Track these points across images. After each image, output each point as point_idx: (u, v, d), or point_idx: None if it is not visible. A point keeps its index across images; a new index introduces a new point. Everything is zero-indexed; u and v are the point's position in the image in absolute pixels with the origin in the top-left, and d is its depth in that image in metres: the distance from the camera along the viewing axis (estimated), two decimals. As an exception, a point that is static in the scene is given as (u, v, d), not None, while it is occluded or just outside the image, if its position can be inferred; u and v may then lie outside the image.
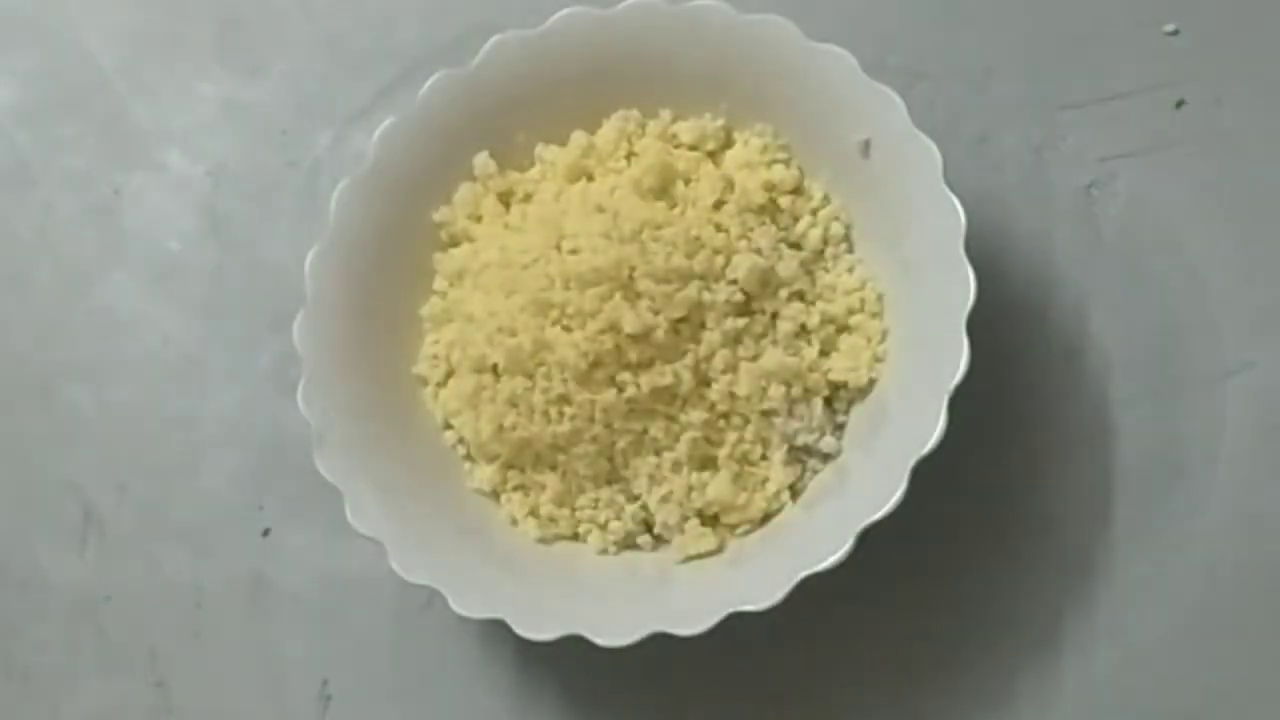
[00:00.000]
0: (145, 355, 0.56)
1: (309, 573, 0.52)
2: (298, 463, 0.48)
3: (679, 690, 0.48)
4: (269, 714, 0.51)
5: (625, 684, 0.48)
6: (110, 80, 0.59)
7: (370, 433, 0.49)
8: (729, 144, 0.50)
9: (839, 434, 0.47)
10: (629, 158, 0.50)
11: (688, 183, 0.49)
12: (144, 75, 0.59)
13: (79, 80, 0.60)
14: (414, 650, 0.50)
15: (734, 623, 0.43)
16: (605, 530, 0.48)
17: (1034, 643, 0.47)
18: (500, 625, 0.44)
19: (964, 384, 0.43)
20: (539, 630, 0.44)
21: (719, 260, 0.47)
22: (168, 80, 0.59)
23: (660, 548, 0.48)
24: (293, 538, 0.52)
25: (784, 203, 0.49)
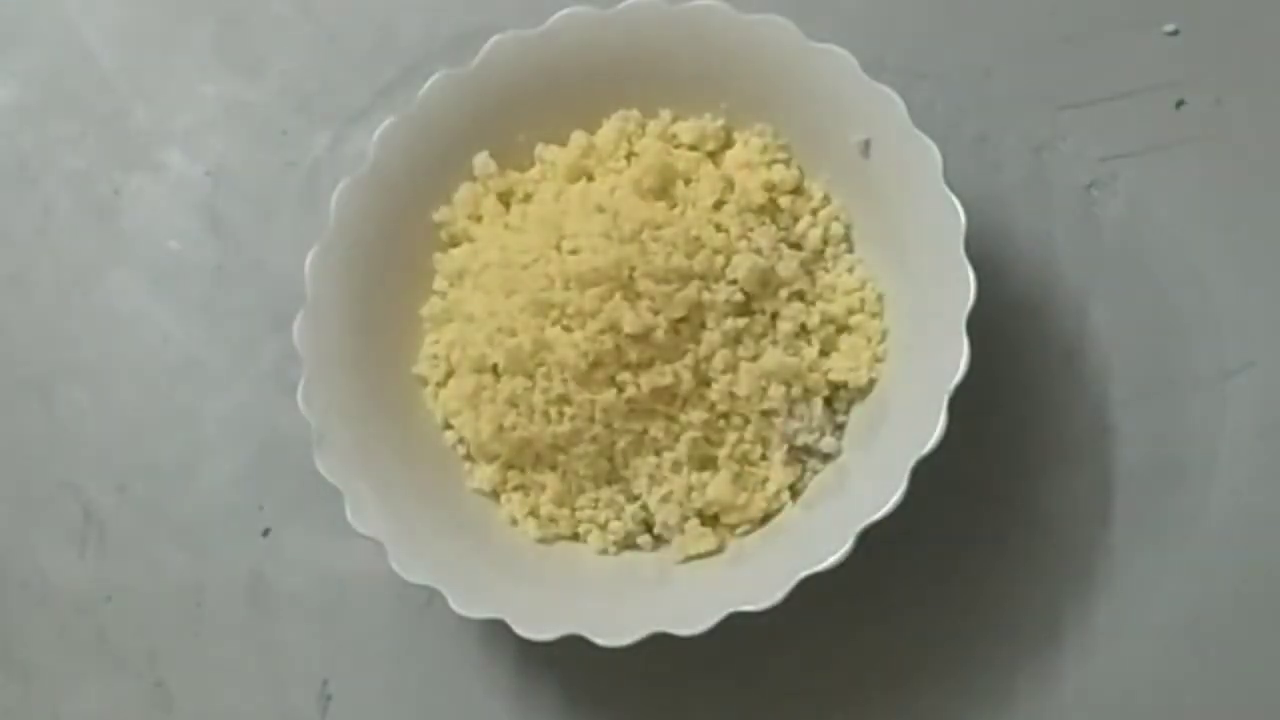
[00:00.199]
0: (145, 355, 0.56)
1: (309, 573, 0.52)
2: (298, 463, 0.48)
3: (679, 690, 0.48)
4: (269, 714, 0.51)
5: (625, 684, 0.48)
6: (110, 80, 0.59)
7: (370, 433, 0.49)
8: (729, 144, 0.50)
9: (839, 434, 0.47)
10: (629, 158, 0.50)
11: (688, 183, 0.49)
12: (144, 75, 0.59)
13: (79, 80, 0.60)
14: (414, 650, 0.50)
15: (734, 623, 0.43)
16: (605, 530, 0.48)
17: (1034, 643, 0.47)
18: (500, 625, 0.44)
19: (964, 384, 0.43)
20: (539, 630, 0.44)
21: (719, 260, 0.47)
22: (168, 80, 0.59)
23: (660, 548, 0.48)
24: (293, 538, 0.52)
25: (784, 203, 0.49)
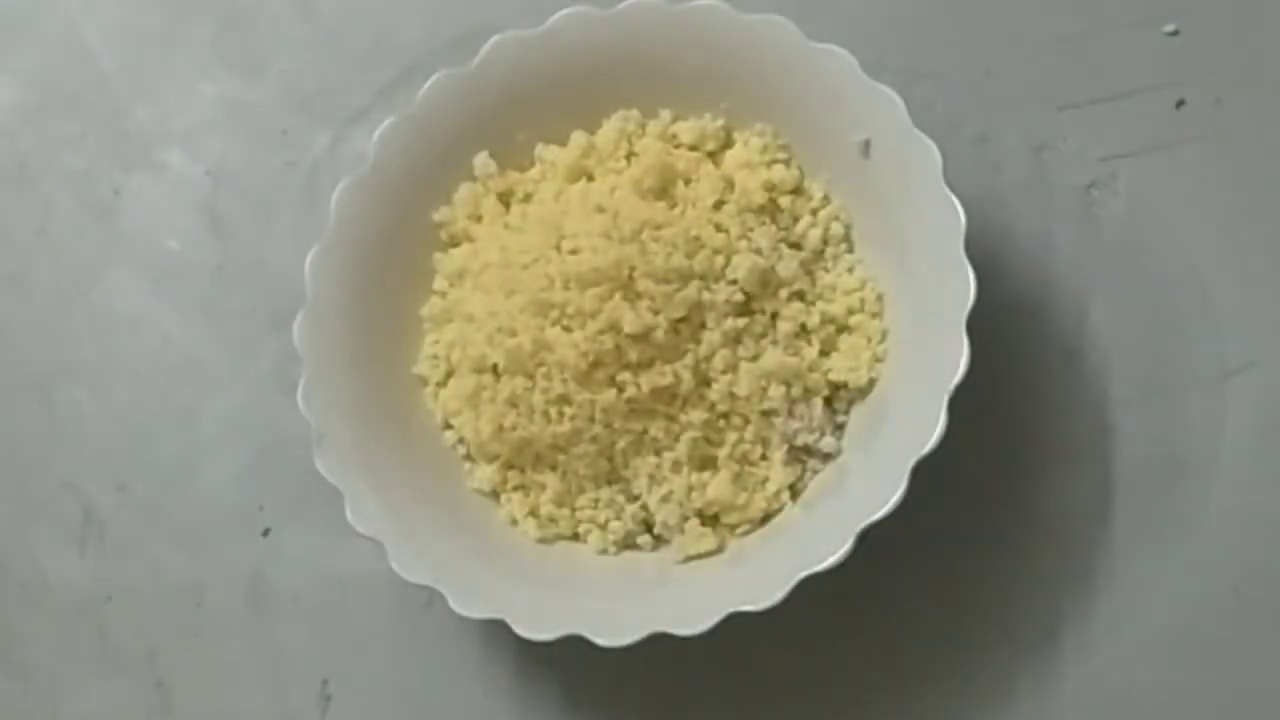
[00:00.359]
0: (145, 355, 0.56)
1: (309, 573, 0.52)
2: (298, 463, 0.48)
3: (679, 690, 0.48)
4: (269, 714, 0.51)
5: (625, 684, 0.48)
6: (110, 80, 0.59)
7: (370, 433, 0.49)
8: (729, 144, 0.50)
9: (839, 434, 0.47)
10: (629, 158, 0.50)
11: (688, 183, 0.49)
12: (144, 75, 0.59)
13: (79, 80, 0.60)
14: (414, 650, 0.50)
15: (734, 623, 0.43)
16: (605, 530, 0.48)
17: (1034, 643, 0.47)
18: (500, 625, 0.44)
19: (964, 384, 0.43)
20: (539, 630, 0.44)
21: (719, 260, 0.47)
22: (168, 80, 0.59)
23: (660, 548, 0.48)
24: (293, 538, 0.52)
25: (784, 203, 0.49)
